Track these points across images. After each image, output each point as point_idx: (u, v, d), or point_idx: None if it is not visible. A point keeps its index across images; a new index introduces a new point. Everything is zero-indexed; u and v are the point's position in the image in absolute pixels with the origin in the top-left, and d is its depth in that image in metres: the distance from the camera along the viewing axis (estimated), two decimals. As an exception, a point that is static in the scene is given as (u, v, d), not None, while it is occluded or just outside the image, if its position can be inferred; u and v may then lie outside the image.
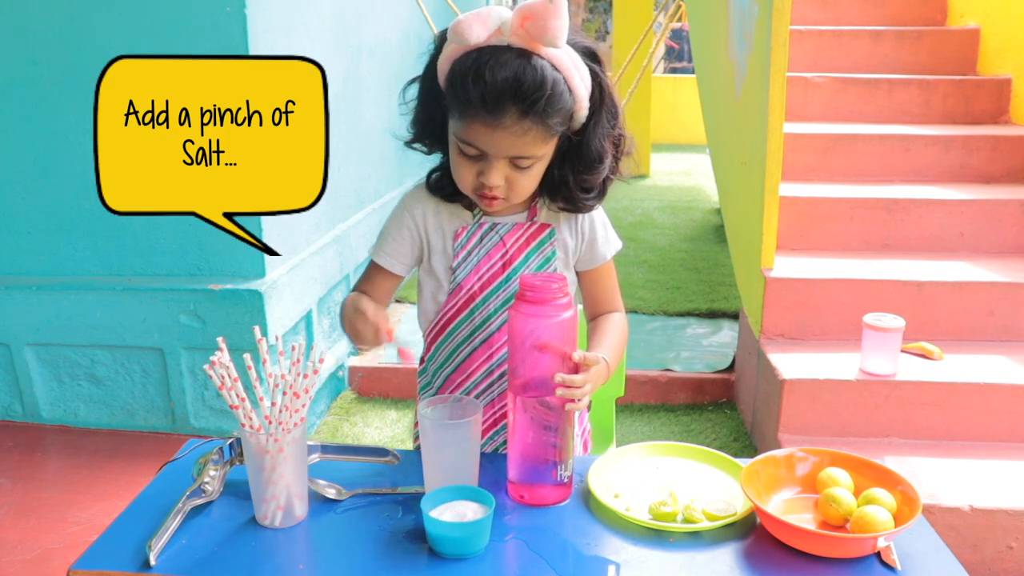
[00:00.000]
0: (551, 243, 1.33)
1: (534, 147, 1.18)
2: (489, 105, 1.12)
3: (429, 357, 1.41)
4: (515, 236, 1.32)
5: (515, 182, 1.21)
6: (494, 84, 1.11)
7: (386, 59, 3.98)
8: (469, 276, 1.31)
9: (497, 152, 1.17)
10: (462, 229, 1.32)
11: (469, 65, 1.13)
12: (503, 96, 1.11)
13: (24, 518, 2.36)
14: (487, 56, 1.12)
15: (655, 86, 8.37)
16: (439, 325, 1.36)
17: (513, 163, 1.19)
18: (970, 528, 2.09)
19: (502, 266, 1.32)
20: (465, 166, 1.21)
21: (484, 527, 1.05)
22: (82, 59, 2.58)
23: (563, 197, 1.29)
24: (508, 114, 1.13)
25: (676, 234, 5.37)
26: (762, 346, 2.67)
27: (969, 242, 2.94)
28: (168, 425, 2.85)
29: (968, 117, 3.53)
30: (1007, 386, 2.37)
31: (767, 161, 2.59)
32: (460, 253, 1.32)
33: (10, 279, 2.79)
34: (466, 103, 1.13)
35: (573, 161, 1.25)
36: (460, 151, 1.20)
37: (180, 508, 1.10)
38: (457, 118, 1.18)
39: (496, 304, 1.32)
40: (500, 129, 1.14)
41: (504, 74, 1.10)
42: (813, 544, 1.05)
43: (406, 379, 3.28)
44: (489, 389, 1.37)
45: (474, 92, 1.11)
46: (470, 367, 1.36)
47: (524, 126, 1.14)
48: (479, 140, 1.16)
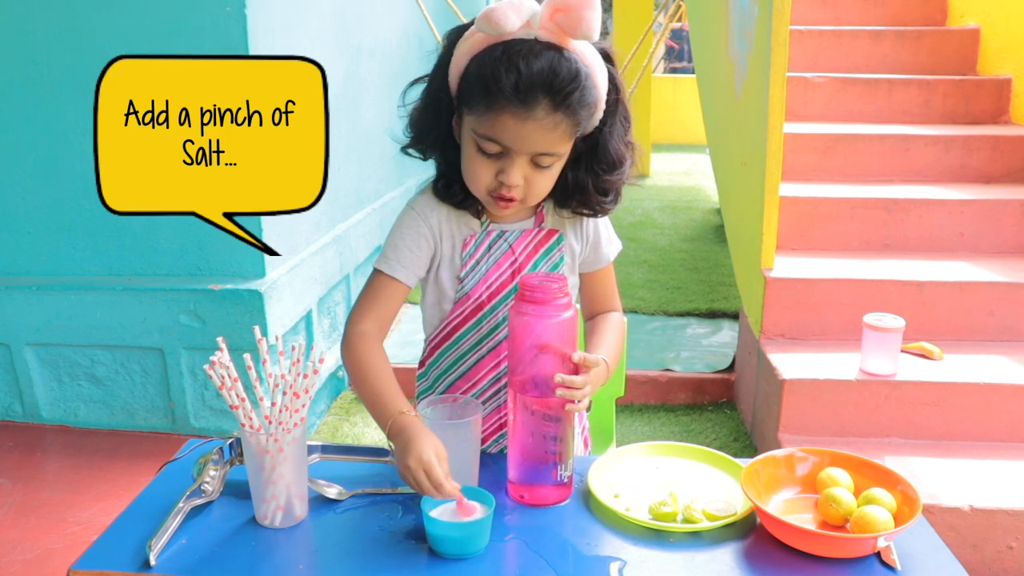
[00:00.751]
0: (559, 249, 1.31)
1: (560, 143, 1.15)
2: (522, 95, 1.08)
3: (431, 363, 1.39)
4: (524, 243, 1.29)
5: (533, 182, 1.18)
6: (529, 74, 1.08)
7: (386, 59, 3.98)
8: (477, 285, 1.29)
9: (523, 147, 1.13)
10: (470, 238, 1.28)
11: (499, 55, 1.10)
12: (536, 87, 1.08)
13: (24, 518, 2.36)
14: (518, 46, 1.09)
15: (655, 86, 8.37)
16: (443, 333, 1.34)
17: (534, 161, 1.16)
18: (970, 528, 2.09)
19: (511, 274, 1.29)
20: (483, 165, 1.17)
21: (484, 527, 1.05)
22: (82, 59, 2.58)
23: (579, 201, 1.26)
24: (540, 106, 1.10)
25: (676, 234, 5.37)
26: (762, 346, 2.67)
27: (969, 242, 2.94)
28: (168, 425, 2.85)
29: (968, 117, 3.53)
30: (1007, 386, 2.37)
31: (767, 161, 2.59)
32: (468, 263, 1.28)
33: (10, 279, 2.79)
34: (496, 94, 1.09)
35: (591, 163, 1.23)
36: (478, 149, 1.16)
37: (180, 508, 1.10)
38: (480, 113, 1.13)
39: (505, 312, 1.29)
40: (531, 121, 1.10)
41: (539, 65, 1.08)
42: (813, 544, 1.05)
43: (406, 379, 3.26)
44: (495, 396, 1.35)
45: (507, 81, 1.08)
46: (476, 375, 1.34)
47: (555, 119, 1.11)
48: (505, 134, 1.12)
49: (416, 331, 3.52)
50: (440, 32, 4.10)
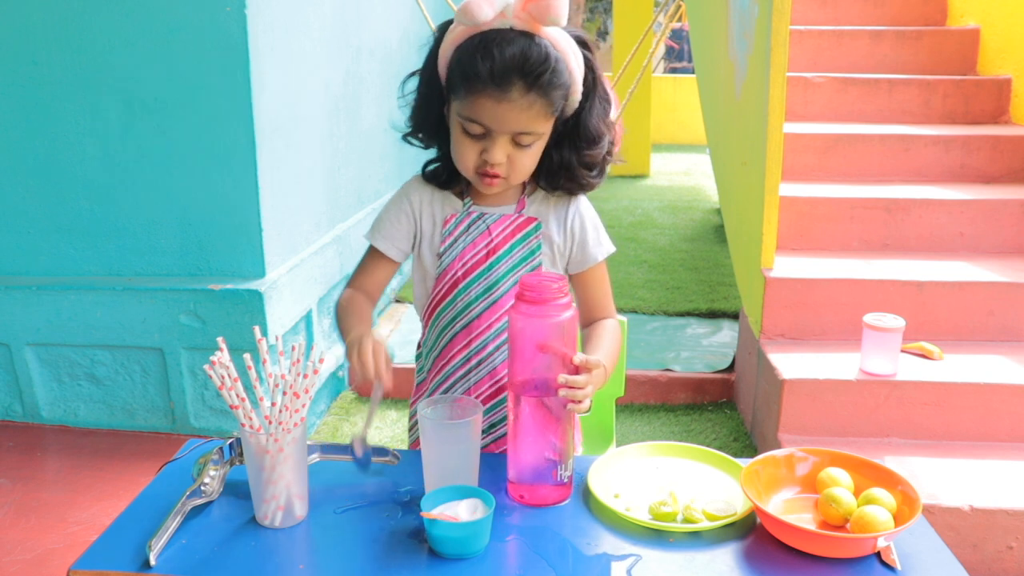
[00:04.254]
0: (536, 236, 1.37)
1: (536, 123, 1.24)
2: (497, 79, 1.18)
3: (424, 341, 1.46)
4: (501, 226, 1.36)
5: (516, 160, 1.27)
6: (502, 60, 1.18)
7: (386, 59, 3.98)
8: (454, 262, 1.36)
9: (502, 127, 1.22)
10: (451, 216, 1.37)
11: (477, 44, 1.20)
12: (510, 71, 1.18)
13: (24, 518, 2.36)
14: (493, 35, 1.20)
15: (655, 86, 8.37)
16: (429, 308, 1.41)
17: (515, 140, 1.25)
18: (970, 528, 2.09)
19: (486, 254, 1.36)
20: (468, 145, 1.26)
21: (484, 527, 1.05)
22: (82, 59, 2.58)
23: (566, 177, 1.34)
24: (515, 87, 1.19)
25: (676, 234, 5.37)
26: (762, 346, 2.67)
27: (969, 242, 2.94)
28: (168, 425, 2.85)
29: (968, 117, 3.54)
30: (1007, 386, 2.37)
31: (767, 161, 2.59)
32: (447, 239, 1.37)
33: (10, 279, 2.79)
34: (474, 79, 1.19)
35: (574, 139, 1.32)
36: (463, 130, 1.25)
37: (180, 508, 1.10)
38: (463, 97, 1.22)
39: (478, 291, 1.36)
40: (507, 103, 1.20)
41: (512, 51, 1.18)
42: (813, 544, 1.05)
43: (406, 379, 3.27)
44: (467, 375, 1.40)
45: (483, 67, 1.18)
46: (451, 351, 1.40)
47: (529, 99, 1.20)
48: (485, 116, 1.22)
49: (416, 331, 3.52)
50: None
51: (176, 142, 2.62)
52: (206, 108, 2.58)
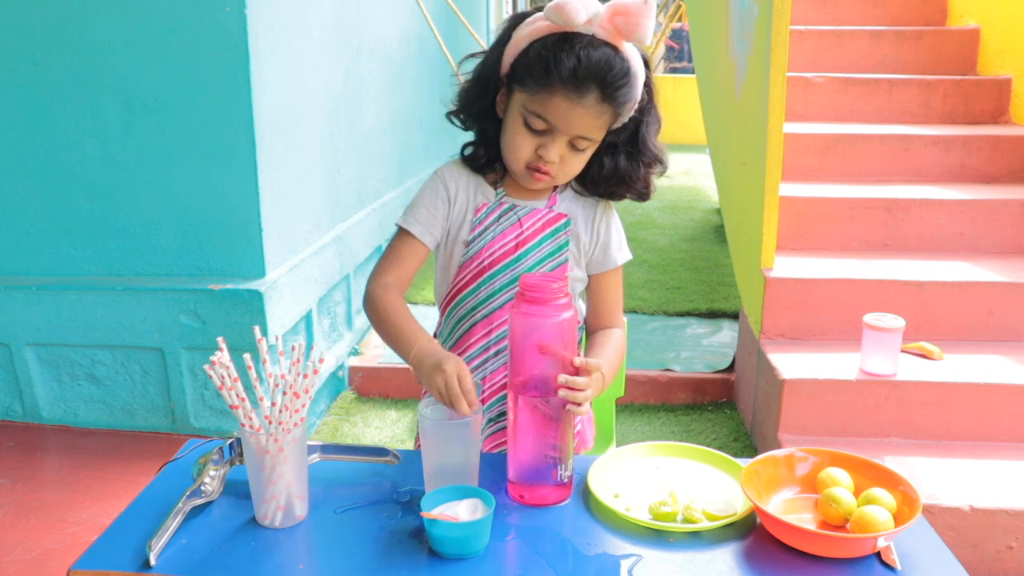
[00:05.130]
0: (566, 232, 1.37)
1: (598, 131, 1.26)
2: (578, 81, 1.19)
3: (440, 331, 1.46)
4: (532, 219, 1.37)
5: (567, 162, 1.28)
6: (587, 63, 1.19)
7: (386, 59, 3.98)
8: (482, 250, 1.36)
9: (566, 128, 1.23)
10: (483, 205, 1.37)
11: (560, 41, 1.20)
12: (590, 77, 1.19)
13: (24, 518, 2.36)
14: (578, 37, 1.20)
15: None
16: (449, 296, 1.41)
17: (572, 143, 1.26)
18: (970, 528, 2.09)
19: (515, 245, 1.36)
20: (525, 138, 1.26)
21: (484, 527, 1.05)
22: (82, 59, 2.58)
23: (623, 186, 1.35)
24: (591, 94, 1.20)
25: (676, 234, 5.37)
26: (762, 346, 2.67)
27: (969, 242, 2.94)
28: (168, 425, 2.85)
29: (968, 117, 3.54)
30: (1007, 386, 2.37)
31: (767, 161, 2.59)
32: (477, 228, 1.36)
33: (10, 279, 2.79)
34: (552, 75, 1.20)
35: (632, 152, 1.33)
36: (525, 123, 1.25)
37: (180, 508, 1.10)
38: (534, 91, 1.22)
39: (504, 281, 1.36)
40: (579, 107, 1.21)
41: (597, 57, 1.19)
42: (813, 544, 1.05)
43: (406, 379, 3.28)
44: (484, 364, 1.40)
45: (566, 65, 1.19)
46: (469, 339, 1.40)
47: (601, 108, 1.22)
48: (553, 114, 1.22)
49: (428, 328, 3.52)
50: (440, 32, 4.10)
51: (176, 142, 2.62)
52: (206, 108, 2.58)
